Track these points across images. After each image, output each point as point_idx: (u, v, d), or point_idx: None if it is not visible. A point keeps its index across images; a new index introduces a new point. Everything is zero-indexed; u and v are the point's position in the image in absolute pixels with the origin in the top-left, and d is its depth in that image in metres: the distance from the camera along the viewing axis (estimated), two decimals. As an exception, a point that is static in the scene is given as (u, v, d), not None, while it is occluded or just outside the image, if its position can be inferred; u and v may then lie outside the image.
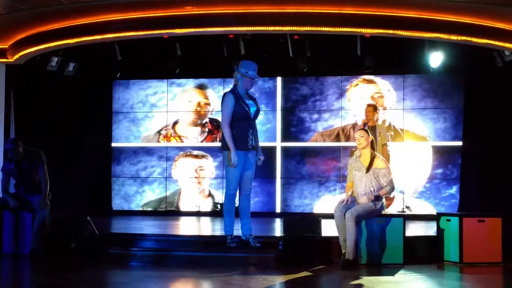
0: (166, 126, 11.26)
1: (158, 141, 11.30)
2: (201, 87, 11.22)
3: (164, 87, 11.34)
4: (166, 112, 11.28)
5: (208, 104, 11.15)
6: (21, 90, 10.29)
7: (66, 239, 7.13)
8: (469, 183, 10.14)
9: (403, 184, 10.43)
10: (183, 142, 11.21)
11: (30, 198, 7.31)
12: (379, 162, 6.62)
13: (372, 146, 6.70)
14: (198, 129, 11.17)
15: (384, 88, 10.62)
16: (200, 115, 11.17)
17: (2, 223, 7.32)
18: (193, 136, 11.19)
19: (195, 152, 11.15)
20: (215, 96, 11.08)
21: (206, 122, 11.14)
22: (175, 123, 11.26)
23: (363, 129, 6.85)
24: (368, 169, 6.57)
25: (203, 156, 11.12)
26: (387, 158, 8.85)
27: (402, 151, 10.44)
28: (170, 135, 11.24)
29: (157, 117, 11.33)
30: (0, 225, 7.31)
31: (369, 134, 6.68)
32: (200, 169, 11.13)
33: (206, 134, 11.14)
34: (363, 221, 6.64)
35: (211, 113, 11.09)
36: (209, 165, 11.07)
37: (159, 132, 11.30)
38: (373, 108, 9.07)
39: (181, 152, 11.20)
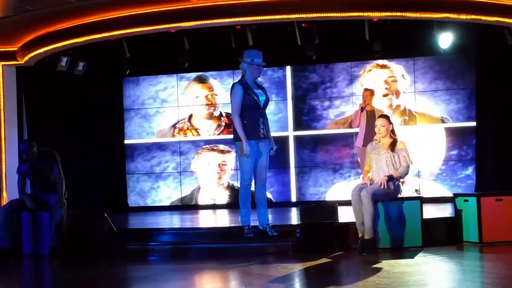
0: (183, 119, 11.26)
1: (173, 135, 11.31)
2: (202, 81, 11.23)
3: (174, 82, 11.34)
4: (177, 107, 11.29)
5: (215, 94, 11.16)
6: (32, 91, 10.36)
7: (84, 236, 7.16)
8: (484, 163, 10.07)
9: (419, 167, 10.38)
10: (199, 135, 11.21)
11: (47, 198, 7.34)
12: (399, 143, 6.67)
13: (393, 131, 6.73)
14: (215, 122, 11.16)
15: (397, 72, 10.57)
16: (212, 106, 11.17)
17: (21, 223, 7.37)
18: (206, 130, 11.19)
19: (222, 147, 11.13)
20: (219, 85, 11.11)
21: (221, 116, 11.13)
22: (191, 116, 11.26)
23: (385, 116, 6.82)
24: (392, 150, 6.57)
25: (228, 151, 11.10)
26: None
27: (416, 134, 10.40)
28: (187, 128, 11.25)
29: (168, 112, 11.34)
30: (18, 225, 7.36)
31: (390, 121, 6.69)
32: (223, 164, 11.12)
33: (222, 128, 11.13)
34: (380, 204, 6.62)
35: (220, 105, 11.12)
36: (232, 159, 11.04)
37: (174, 125, 11.30)
38: (370, 93, 9.02)
39: (207, 145, 11.18)
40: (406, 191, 10.11)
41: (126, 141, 11.44)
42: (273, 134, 7.02)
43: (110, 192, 11.10)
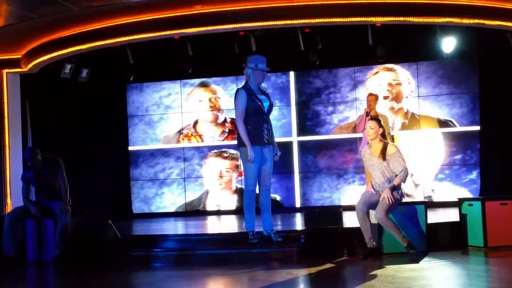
0: (188, 125, 11.27)
1: (178, 141, 11.32)
2: (205, 85, 11.25)
3: (178, 88, 11.36)
4: (181, 113, 11.31)
5: (218, 97, 11.18)
6: (36, 98, 10.39)
7: (89, 243, 7.16)
8: (489, 167, 10.06)
9: (421, 172, 10.35)
10: (203, 141, 11.21)
11: (51, 205, 7.36)
12: (389, 148, 6.55)
13: (384, 135, 6.65)
14: (219, 128, 11.17)
15: (403, 76, 10.57)
16: (216, 109, 11.19)
17: (25, 231, 7.38)
18: (211, 135, 11.19)
19: (226, 154, 11.11)
20: (221, 90, 11.13)
21: (226, 122, 11.14)
22: (196, 122, 11.28)
23: (375, 119, 6.74)
24: (384, 157, 6.52)
25: (232, 158, 11.07)
26: None
27: (419, 139, 10.38)
28: (191, 134, 11.26)
29: (172, 119, 11.35)
30: (23, 233, 7.37)
31: (380, 124, 6.61)
32: (226, 171, 11.10)
33: (226, 134, 11.13)
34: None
35: (225, 108, 11.13)
36: (239, 165, 11.01)
37: (179, 131, 11.31)
38: (375, 98, 9.01)
39: (214, 151, 11.18)
40: (419, 195, 10.14)
41: (130, 148, 11.45)
42: (277, 139, 7.02)
43: (114, 199, 11.11)
